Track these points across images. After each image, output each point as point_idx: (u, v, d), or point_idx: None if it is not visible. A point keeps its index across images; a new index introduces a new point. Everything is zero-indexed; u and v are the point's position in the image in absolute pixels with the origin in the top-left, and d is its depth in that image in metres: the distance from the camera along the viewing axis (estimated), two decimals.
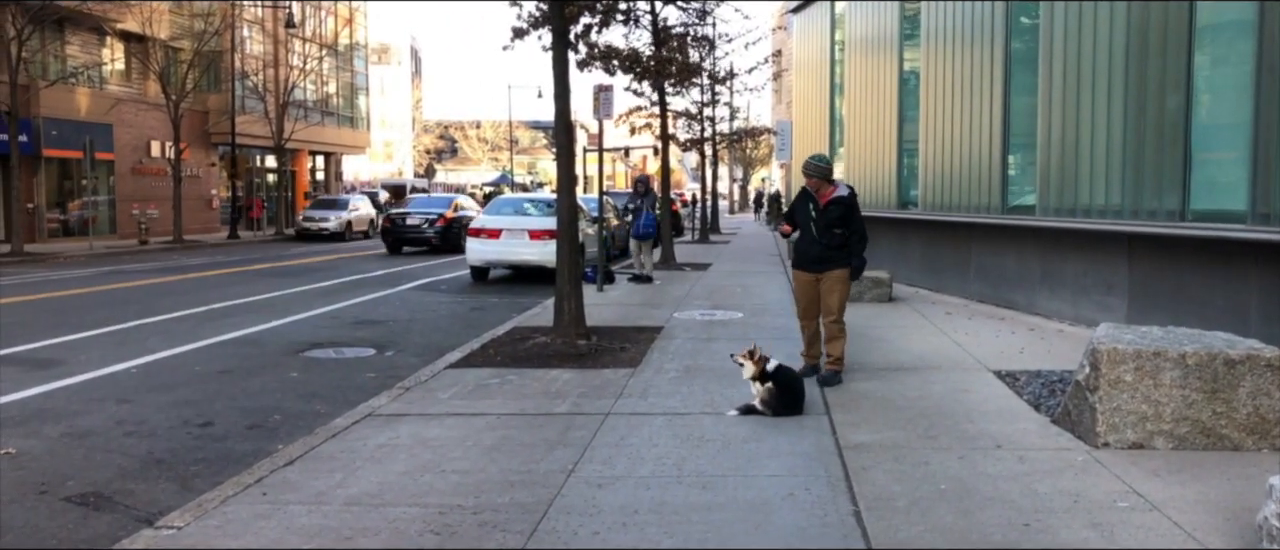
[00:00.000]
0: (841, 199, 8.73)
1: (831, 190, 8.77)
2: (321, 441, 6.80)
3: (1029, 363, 9.62)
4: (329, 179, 55.69)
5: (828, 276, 8.77)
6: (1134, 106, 10.85)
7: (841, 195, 8.74)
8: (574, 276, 10.92)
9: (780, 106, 50.64)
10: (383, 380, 9.54)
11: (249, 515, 5.33)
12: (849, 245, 8.73)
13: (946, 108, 15.44)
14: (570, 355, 10.05)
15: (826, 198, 8.77)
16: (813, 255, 8.82)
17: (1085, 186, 11.77)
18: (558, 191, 11.27)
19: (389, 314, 14.91)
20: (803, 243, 8.91)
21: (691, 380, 8.86)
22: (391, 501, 5.51)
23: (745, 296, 15.90)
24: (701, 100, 31.75)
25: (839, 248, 8.72)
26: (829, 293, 8.77)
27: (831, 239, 8.71)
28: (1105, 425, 6.42)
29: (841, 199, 8.73)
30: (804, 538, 4.95)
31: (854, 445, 6.60)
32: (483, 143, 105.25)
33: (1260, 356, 6.31)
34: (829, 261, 8.75)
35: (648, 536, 4.95)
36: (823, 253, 8.74)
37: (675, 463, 6.22)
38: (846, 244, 8.72)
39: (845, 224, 8.71)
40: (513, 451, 6.50)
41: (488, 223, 19.70)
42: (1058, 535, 4.92)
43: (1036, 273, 13.21)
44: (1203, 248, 10.05)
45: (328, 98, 51.98)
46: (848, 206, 8.73)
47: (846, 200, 8.75)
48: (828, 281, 8.78)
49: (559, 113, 10.92)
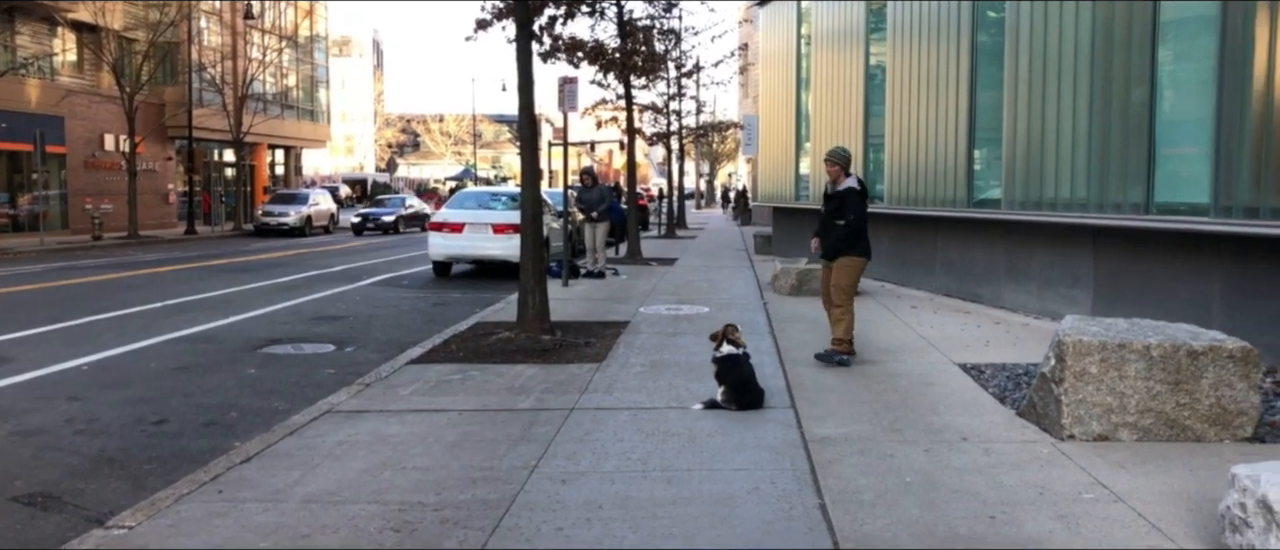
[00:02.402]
0: (839, 192, 9.33)
1: (841, 183, 9.39)
2: (279, 439, 6.74)
3: (995, 356, 9.70)
4: (289, 173, 55.21)
5: (836, 264, 9.36)
6: (1099, 100, 10.95)
7: (841, 189, 9.34)
8: (538, 271, 10.88)
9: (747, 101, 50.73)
10: (342, 377, 9.46)
11: (203, 514, 5.27)
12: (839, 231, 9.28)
13: (913, 102, 15.53)
14: (534, 350, 10.01)
15: (833, 191, 9.43)
16: (827, 246, 9.47)
17: (1051, 180, 11.87)
18: (522, 185, 11.22)
19: (349, 310, 14.81)
20: (820, 231, 9.66)
21: (657, 375, 8.86)
22: (350, 499, 5.47)
23: (712, 291, 15.91)
24: (668, 93, 31.81)
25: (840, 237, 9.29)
26: (830, 278, 9.42)
27: (837, 229, 9.32)
28: (1070, 417, 6.48)
29: (839, 192, 9.33)
30: (769, 532, 4.96)
31: (819, 439, 6.62)
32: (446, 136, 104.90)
33: (1223, 348, 6.38)
34: (838, 252, 9.33)
35: (612, 532, 4.94)
36: (835, 244, 9.35)
37: (640, 457, 6.22)
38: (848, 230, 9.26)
39: (841, 214, 9.26)
40: (475, 448, 6.46)
41: (450, 217, 19.57)
42: (1023, 527, 4.96)
43: (1002, 266, 13.32)
44: (1167, 240, 10.17)
45: (287, 91, 51.49)
46: (843, 198, 9.27)
47: (843, 193, 9.29)
48: (831, 267, 9.41)
49: (523, 105, 10.88)
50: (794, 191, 22.47)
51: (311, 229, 38.43)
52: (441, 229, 19.39)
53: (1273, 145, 8.57)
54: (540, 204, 11.39)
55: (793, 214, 23.13)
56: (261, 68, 43.95)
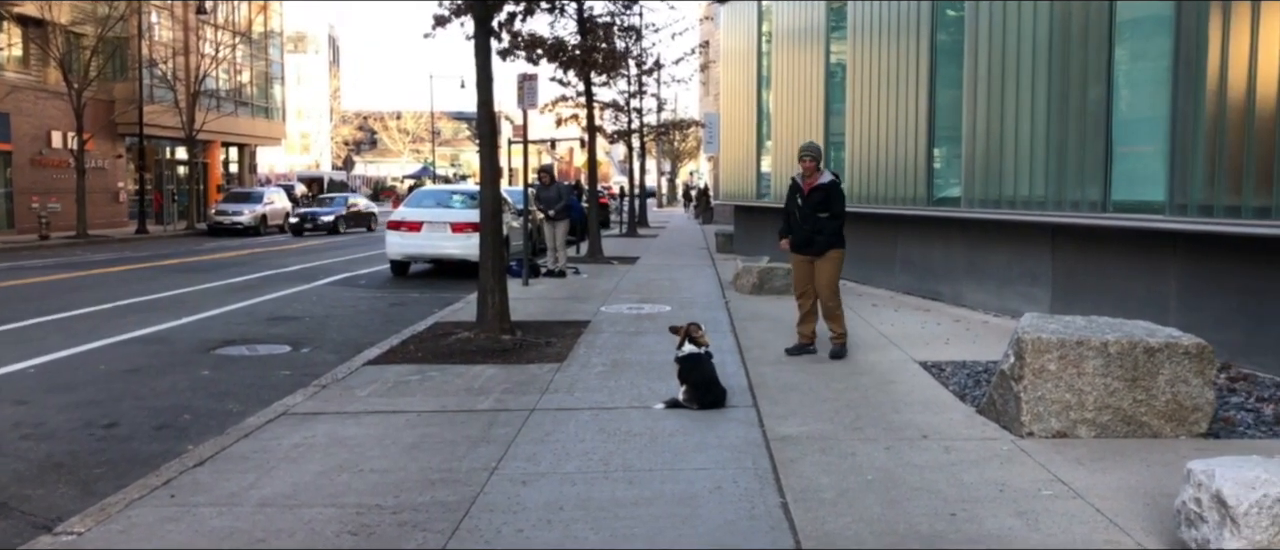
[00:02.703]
0: (822, 185, 9.57)
1: (817, 178, 9.61)
2: (234, 441, 6.68)
3: (954, 353, 9.80)
4: (243, 171, 54.69)
5: (820, 258, 9.60)
6: (1057, 99, 11.09)
7: (823, 182, 9.58)
8: (498, 270, 10.86)
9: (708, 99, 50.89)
10: (298, 378, 9.40)
11: (155, 519, 5.21)
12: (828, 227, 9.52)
13: (873, 100, 15.64)
14: (494, 350, 9.99)
15: (811, 185, 9.60)
16: (802, 238, 9.68)
17: (1010, 178, 12.00)
18: (481, 183, 11.19)
19: (305, 310, 14.71)
20: (792, 227, 9.80)
21: (619, 374, 8.87)
22: (307, 502, 5.43)
23: (674, 290, 15.95)
24: (628, 91, 31.81)
25: (824, 231, 9.54)
26: (820, 273, 9.64)
27: (816, 223, 9.53)
28: (1030, 414, 6.56)
29: (822, 185, 9.57)
30: (731, 531, 4.98)
31: (781, 437, 6.66)
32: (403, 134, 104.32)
33: (1179, 345, 6.49)
34: (817, 244, 9.57)
35: (573, 533, 4.94)
36: (811, 236, 9.59)
37: (602, 458, 6.23)
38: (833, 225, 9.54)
39: (827, 207, 9.51)
40: (434, 449, 6.44)
41: (408, 215, 19.46)
42: (983, 524, 5.01)
43: (962, 264, 13.45)
44: (1124, 238, 10.31)
45: (241, 87, 51.02)
46: (827, 192, 9.54)
47: (827, 186, 9.56)
48: (820, 263, 9.62)
49: (482, 102, 10.85)
50: (755, 190, 22.55)
51: (266, 228, 38.09)
52: (399, 228, 19.27)
53: (1226, 144, 8.71)
54: (500, 202, 11.36)
55: (754, 212, 23.22)
56: (214, 64, 43.50)
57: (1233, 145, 8.65)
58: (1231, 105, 8.66)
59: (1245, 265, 8.86)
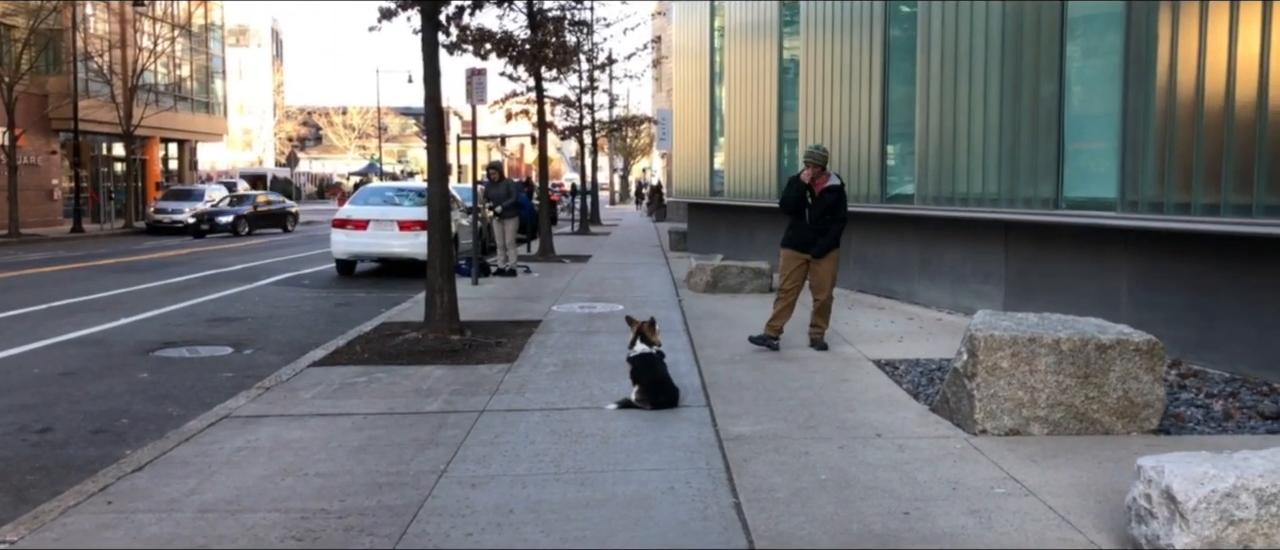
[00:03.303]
0: (834, 188, 9.97)
1: (826, 180, 9.96)
2: (174, 446, 6.61)
3: (908, 351, 9.91)
4: (183, 168, 54.00)
5: (828, 258, 10.02)
6: (1010, 95, 11.23)
7: (834, 184, 9.97)
8: (446, 269, 10.82)
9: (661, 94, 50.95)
10: (241, 380, 9.31)
11: (92, 526, 5.14)
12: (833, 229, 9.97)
13: (826, 97, 15.74)
14: (443, 351, 9.96)
15: (821, 186, 9.94)
16: (808, 238, 10.02)
17: (963, 175, 12.13)
18: (429, 180, 11.14)
19: (248, 310, 14.57)
20: (798, 226, 10.10)
21: (570, 375, 8.87)
22: (250, 507, 5.39)
23: (627, 289, 15.96)
24: (580, 87, 31.78)
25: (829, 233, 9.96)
26: (824, 272, 10.02)
27: (824, 224, 9.93)
28: (983, 412, 6.64)
29: (834, 188, 9.97)
30: (684, 532, 5.00)
31: (734, 437, 6.69)
32: (349, 130, 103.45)
33: (1130, 342, 6.60)
34: (820, 245, 9.98)
35: (524, 536, 4.94)
36: (816, 237, 9.97)
37: (553, 459, 6.22)
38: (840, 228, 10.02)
39: (835, 212, 9.94)
40: (381, 452, 6.41)
41: (354, 213, 19.32)
42: (937, 523, 5.07)
43: (915, 262, 13.58)
44: (1076, 235, 10.47)
45: (181, 81, 50.37)
46: (838, 195, 9.98)
47: (838, 189, 9.99)
48: (822, 262, 10.01)
49: (429, 97, 10.80)
50: (709, 187, 22.62)
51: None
52: (345, 226, 19.13)
53: (1176, 141, 8.86)
54: (448, 199, 11.32)
55: (708, 210, 23.28)
56: (153, 57, 42.92)
57: (1182, 142, 8.81)
58: (1181, 102, 8.82)
59: (1195, 262, 9.03)
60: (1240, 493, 4.14)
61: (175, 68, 49.57)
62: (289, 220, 39.03)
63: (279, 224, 38.23)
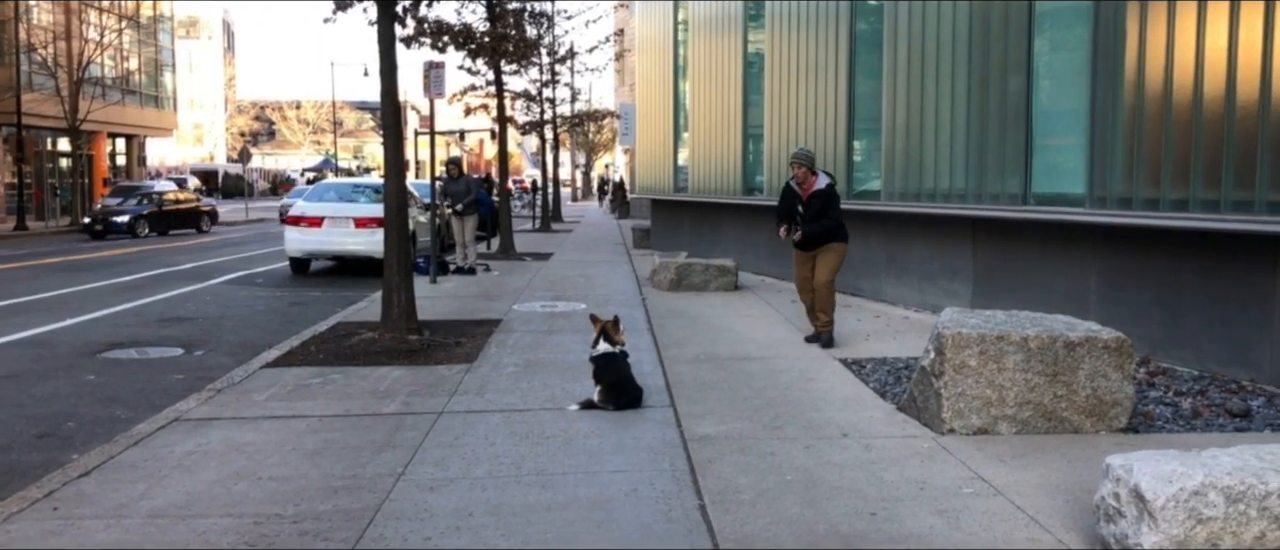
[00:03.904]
0: (820, 191, 10.15)
1: (813, 182, 10.19)
2: (122, 450, 6.54)
3: (875, 350, 9.95)
4: (131, 164, 53.44)
5: (821, 250, 10.21)
6: (977, 90, 11.31)
7: (820, 189, 10.15)
8: (403, 267, 10.76)
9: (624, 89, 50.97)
10: (192, 382, 9.24)
11: (36, 533, 5.08)
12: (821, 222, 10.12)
13: (792, 91, 15.78)
14: (400, 351, 9.91)
15: (809, 191, 10.18)
16: (809, 240, 10.21)
17: (930, 171, 12.21)
18: (385, 176, 11.08)
19: (199, 310, 14.44)
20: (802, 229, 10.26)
21: (531, 375, 8.86)
22: (201, 513, 5.33)
23: (589, 287, 15.95)
24: (540, 80, 31.72)
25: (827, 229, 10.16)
26: (821, 265, 10.21)
27: (820, 225, 10.13)
28: (950, 411, 6.68)
29: (820, 191, 10.15)
30: (648, 535, 5.00)
31: (699, 437, 6.70)
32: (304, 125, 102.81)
33: (1098, 339, 6.66)
34: (821, 239, 10.20)
35: (483, 540, 4.92)
36: (815, 235, 10.17)
37: (513, 462, 6.21)
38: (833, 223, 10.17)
39: (825, 212, 10.12)
40: (337, 455, 6.37)
41: (308, 210, 19.20)
42: (904, 523, 5.09)
43: (882, 259, 13.64)
44: (1044, 231, 10.55)
45: (129, 75, 49.85)
46: (826, 197, 10.14)
47: (824, 192, 10.15)
48: (821, 255, 10.21)
49: (385, 91, 10.74)
50: (673, 183, 22.63)
51: None
52: (299, 223, 19.00)
53: (1144, 136, 8.96)
54: (405, 195, 11.27)
55: (672, 206, 23.30)
56: (99, 49, 42.41)
57: (1151, 137, 8.91)
58: (1149, 97, 8.92)
59: (1163, 259, 9.13)
60: (1208, 491, 4.18)
61: (123, 60, 49.03)
62: (203, 220, 36.37)
63: (191, 224, 35.61)
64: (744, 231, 18.18)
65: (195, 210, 36.17)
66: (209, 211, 37.07)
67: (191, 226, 35.42)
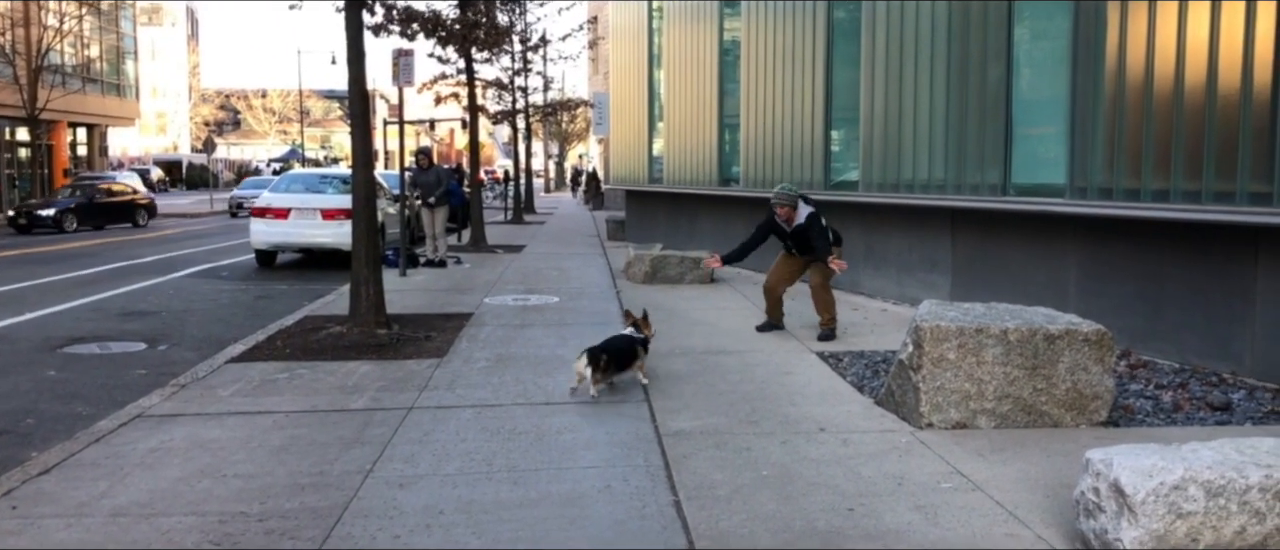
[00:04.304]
0: (802, 227, 10.19)
1: (796, 217, 10.21)
2: (83, 447, 6.49)
3: (852, 343, 9.98)
4: (93, 154, 53.03)
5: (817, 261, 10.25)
6: (956, 79, 11.33)
7: (801, 224, 10.18)
8: (372, 259, 10.70)
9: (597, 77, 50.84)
10: (155, 377, 9.18)
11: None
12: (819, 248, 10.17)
13: (768, 80, 15.79)
14: (369, 346, 9.87)
15: (794, 226, 10.24)
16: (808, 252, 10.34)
17: (909, 161, 12.24)
18: (353, 166, 11.01)
19: (162, 303, 14.34)
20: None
21: (503, 370, 8.83)
22: (164, 511, 5.30)
23: (562, 280, 15.92)
24: (512, 69, 31.60)
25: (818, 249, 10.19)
26: (815, 271, 10.28)
27: (811, 251, 10.22)
28: (929, 405, 6.70)
29: (802, 227, 10.19)
30: (622, 532, 4.99)
31: (674, 432, 6.70)
32: (270, 114, 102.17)
33: (1078, 332, 6.69)
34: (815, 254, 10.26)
35: (454, 538, 4.91)
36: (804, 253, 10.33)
37: (485, 458, 6.20)
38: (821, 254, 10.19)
39: (810, 242, 10.17)
40: (303, 452, 6.35)
41: (274, 201, 19.08)
42: (882, 519, 5.11)
43: (860, 250, 13.66)
44: (1024, 222, 10.60)
45: (89, 62, 49.46)
46: (805, 230, 10.17)
47: (804, 227, 10.17)
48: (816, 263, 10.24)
49: (353, 79, 10.67)
50: (648, 174, 22.61)
51: None
52: (265, 215, 18.86)
53: (1125, 126, 9.00)
54: (373, 186, 11.21)
55: (646, 197, 23.28)
56: (59, 36, 42.02)
57: (1132, 127, 8.94)
58: (1131, 86, 8.95)
59: (1144, 250, 9.18)
60: (1188, 485, 4.20)
61: (83, 48, 48.61)
62: (139, 214, 34.67)
63: (126, 218, 33.95)
64: (720, 223, 18.17)
65: (130, 203, 34.65)
66: (146, 205, 35.59)
67: (127, 220, 33.90)
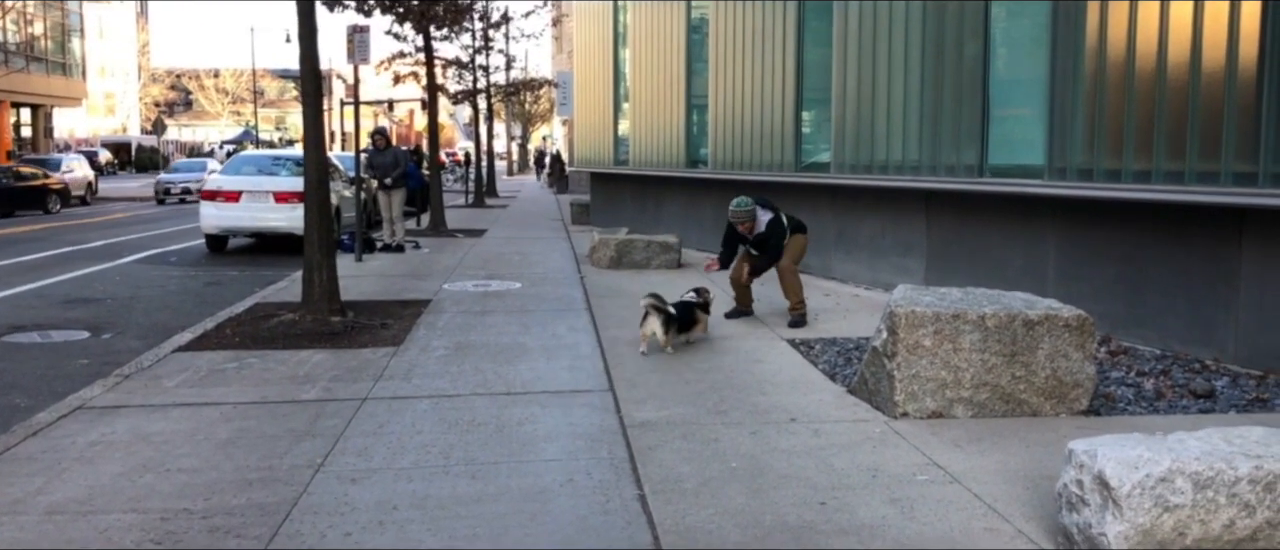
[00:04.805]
0: (763, 236, 10.22)
1: (756, 226, 10.20)
2: (19, 441, 6.36)
3: (824, 330, 9.94)
4: (37, 136, 52.48)
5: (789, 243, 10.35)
6: (932, 56, 11.28)
7: (762, 233, 10.20)
8: (325, 243, 10.55)
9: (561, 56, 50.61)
10: (98, 368, 9.04)
11: None
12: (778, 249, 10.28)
13: (738, 59, 15.70)
14: (322, 334, 9.75)
15: (754, 234, 10.24)
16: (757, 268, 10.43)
17: (882, 141, 12.19)
18: (305, 146, 10.84)
19: (108, 291, 14.13)
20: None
21: (462, 358, 8.74)
22: (103, 509, 5.19)
23: (525, 265, 15.82)
24: (473, 47, 31.41)
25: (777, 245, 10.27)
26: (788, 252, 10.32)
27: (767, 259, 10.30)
28: (904, 394, 6.63)
29: (763, 236, 10.22)
30: (584, 528, 4.92)
31: (639, 423, 6.63)
32: (222, 94, 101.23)
33: (1058, 317, 6.64)
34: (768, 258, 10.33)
35: (408, 535, 4.83)
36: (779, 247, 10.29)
37: (442, 451, 6.12)
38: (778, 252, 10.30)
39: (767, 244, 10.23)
40: (252, 445, 6.25)
41: (225, 184, 18.83)
42: (856, 513, 5.04)
43: (831, 234, 13.61)
44: (1001, 204, 10.57)
45: (33, 41, 48.87)
46: (766, 238, 10.21)
47: (765, 236, 10.21)
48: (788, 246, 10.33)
49: (305, 55, 10.49)
50: (613, 155, 22.51)
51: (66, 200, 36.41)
52: (215, 198, 18.62)
53: (1106, 104, 8.96)
54: (325, 167, 11.04)
55: (612, 180, 23.18)
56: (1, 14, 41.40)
57: (1113, 106, 8.91)
58: (1111, 63, 8.91)
59: (1125, 233, 9.15)
60: (1176, 477, 4.13)
61: (26, 25, 48.02)
62: (51, 199, 32.53)
63: (36, 205, 31.78)
64: (688, 206, 18.09)
65: (42, 188, 32.40)
66: (60, 190, 33.61)
67: (37, 207, 31.69)
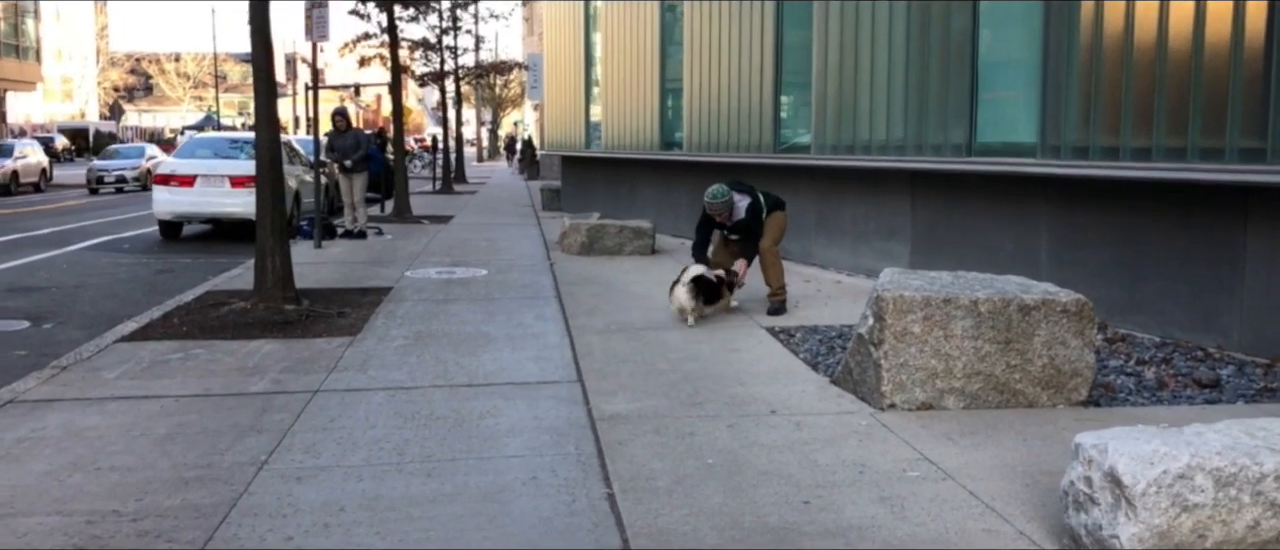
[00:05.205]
0: (743, 222, 10.15)
1: (734, 214, 10.13)
2: None
3: (804, 317, 9.80)
4: None
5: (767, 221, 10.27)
6: (918, 30, 11.11)
7: (742, 219, 10.13)
8: (278, 228, 10.29)
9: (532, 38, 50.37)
10: (36, 359, 8.78)
11: None
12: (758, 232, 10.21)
13: (714, 37, 15.54)
14: (274, 323, 9.55)
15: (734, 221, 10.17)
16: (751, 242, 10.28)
17: (865, 120, 12.01)
18: (256, 126, 10.55)
19: (53, 279, 13.86)
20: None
21: (422, 348, 8.56)
22: (24, 510, 4.96)
23: (492, 252, 15.66)
24: (440, 27, 31.16)
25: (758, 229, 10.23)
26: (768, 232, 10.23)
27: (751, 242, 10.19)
28: (891, 384, 6.43)
29: (743, 222, 10.15)
30: (547, 530, 4.71)
31: (609, 416, 6.46)
32: (184, 79, 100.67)
33: (1056, 302, 6.43)
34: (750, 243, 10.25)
35: (355, 539, 4.60)
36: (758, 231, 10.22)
37: (396, 447, 5.92)
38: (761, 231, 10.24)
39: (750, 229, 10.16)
40: (192, 441, 6.02)
41: (179, 168, 18.55)
42: (842, 513, 4.83)
43: (812, 218, 13.43)
44: (991, 185, 10.40)
45: None
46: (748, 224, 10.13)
47: (746, 220, 10.13)
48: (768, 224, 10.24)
49: (256, 27, 10.21)
50: (585, 139, 22.37)
51: (18, 186, 35.92)
52: (169, 182, 18.30)
53: (1103, 77, 8.80)
54: (278, 147, 10.77)
55: (584, 164, 23.05)
56: None
57: (1110, 79, 8.75)
58: (1109, 33, 8.74)
59: (1123, 213, 8.99)
60: (1195, 474, 3.88)
61: None
62: None
63: None
64: (662, 191, 17.93)
65: None
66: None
67: None
